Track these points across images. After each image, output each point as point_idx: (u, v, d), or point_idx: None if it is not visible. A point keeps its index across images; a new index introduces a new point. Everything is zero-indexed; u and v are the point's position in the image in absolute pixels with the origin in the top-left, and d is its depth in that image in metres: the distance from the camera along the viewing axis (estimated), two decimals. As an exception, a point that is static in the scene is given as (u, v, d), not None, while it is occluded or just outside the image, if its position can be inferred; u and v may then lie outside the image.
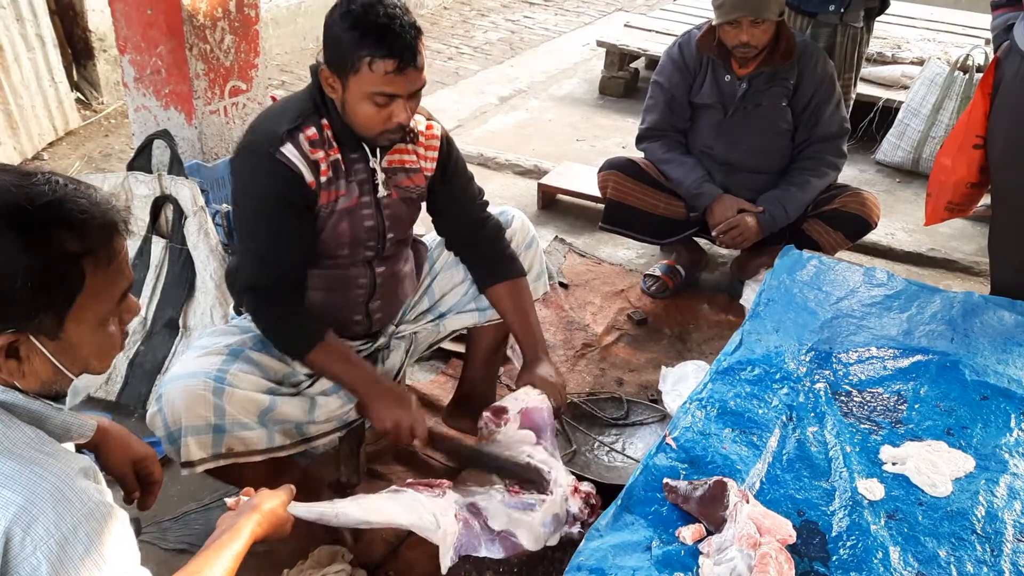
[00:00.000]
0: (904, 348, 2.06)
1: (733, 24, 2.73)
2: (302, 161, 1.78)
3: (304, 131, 1.79)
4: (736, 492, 1.56)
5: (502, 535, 1.72)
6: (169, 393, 1.73)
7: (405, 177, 1.97)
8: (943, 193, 2.57)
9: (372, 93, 1.71)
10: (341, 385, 1.92)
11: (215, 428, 1.73)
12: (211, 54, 2.67)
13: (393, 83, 1.70)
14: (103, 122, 4.57)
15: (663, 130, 3.05)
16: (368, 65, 1.68)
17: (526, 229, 2.24)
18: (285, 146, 1.77)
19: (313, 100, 1.82)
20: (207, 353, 1.82)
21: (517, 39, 6.58)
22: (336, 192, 1.86)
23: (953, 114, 4.03)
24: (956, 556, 1.52)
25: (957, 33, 5.25)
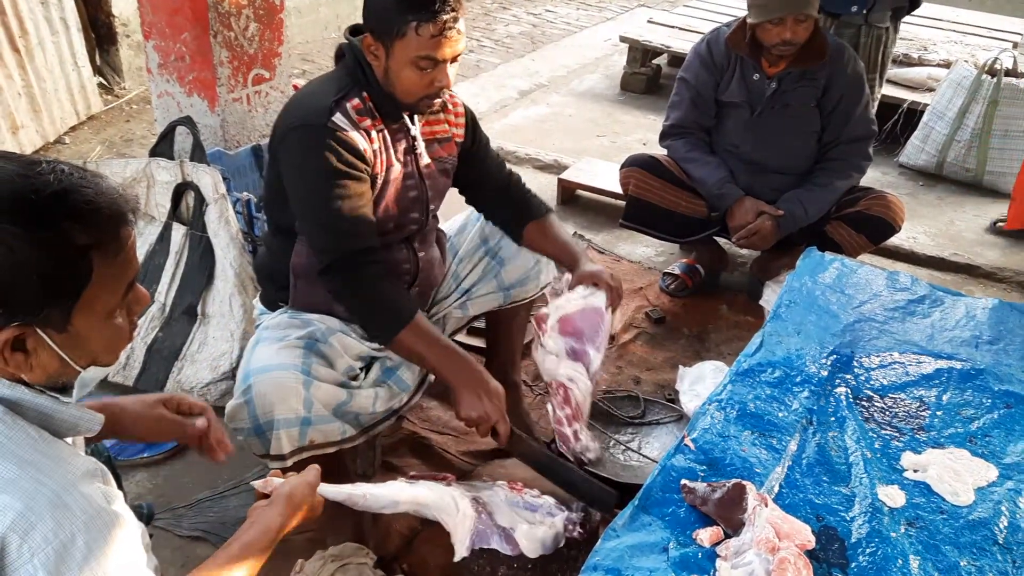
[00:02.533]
0: (927, 354, 2.03)
1: (777, 22, 2.70)
2: (354, 129, 1.79)
3: (349, 100, 1.80)
4: (755, 495, 1.55)
5: (507, 532, 1.72)
6: (260, 385, 1.72)
7: (439, 147, 1.99)
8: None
9: (417, 58, 1.73)
10: (430, 369, 1.90)
11: (303, 421, 1.74)
12: (235, 41, 2.67)
13: (438, 46, 1.72)
14: (125, 107, 4.59)
15: (687, 128, 3.03)
16: (415, 29, 1.70)
17: None
18: (336, 116, 1.77)
19: (351, 74, 1.83)
20: (287, 346, 1.82)
21: (539, 33, 6.56)
22: (385, 162, 1.86)
23: (979, 118, 3.99)
24: (977, 566, 1.50)
25: (984, 36, 5.19)
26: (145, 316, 2.52)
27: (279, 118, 1.88)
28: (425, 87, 1.78)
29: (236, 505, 2.13)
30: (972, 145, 4.02)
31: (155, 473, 2.24)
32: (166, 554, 2.00)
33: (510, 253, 2.21)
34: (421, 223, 1.99)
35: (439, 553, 2.02)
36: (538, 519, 1.77)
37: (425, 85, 1.78)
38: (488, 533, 1.73)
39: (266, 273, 2.04)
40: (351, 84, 1.82)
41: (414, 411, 2.51)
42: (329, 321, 1.94)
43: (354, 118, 1.79)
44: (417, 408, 2.53)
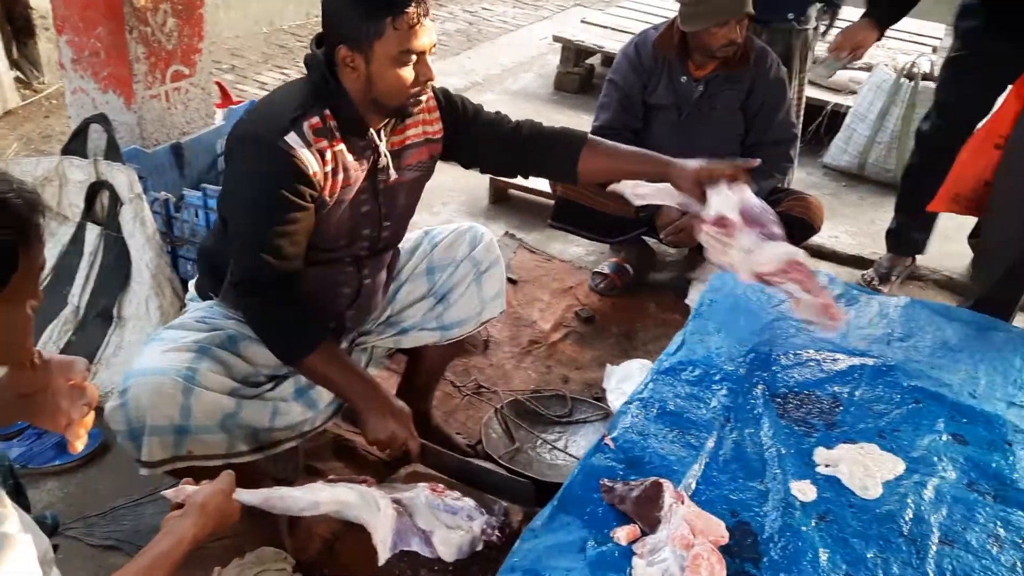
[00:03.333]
0: (841, 351, 2.08)
1: (723, 24, 2.74)
2: (306, 151, 1.71)
3: (308, 119, 1.73)
4: (671, 493, 1.57)
5: (426, 534, 1.71)
6: (135, 388, 1.66)
7: (413, 153, 1.93)
8: (955, 183, 2.60)
9: (400, 53, 1.68)
10: (336, 392, 1.87)
11: (179, 429, 1.68)
12: (152, 37, 2.60)
13: (415, 36, 1.68)
14: (44, 102, 4.45)
15: (616, 129, 3.05)
16: (391, 25, 1.65)
17: (492, 250, 2.18)
18: (289, 135, 1.70)
19: (316, 89, 1.76)
20: (175, 348, 1.76)
21: (475, 31, 6.55)
22: (341, 182, 1.80)
23: (899, 120, 4.11)
24: (883, 558, 1.54)
25: (905, 40, 5.33)
26: (58, 320, 2.45)
27: (240, 120, 1.82)
28: (412, 84, 1.73)
29: (152, 513, 2.08)
30: (892, 147, 4.14)
31: (67, 481, 2.17)
32: (77, 563, 1.94)
33: (457, 295, 2.14)
34: (373, 240, 1.92)
35: (361, 557, 2.00)
36: (458, 522, 1.77)
37: (411, 82, 1.73)
38: (409, 534, 1.72)
39: (207, 261, 1.98)
40: (314, 100, 1.75)
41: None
42: (243, 327, 1.89)
43: (310, 138, 1.72)
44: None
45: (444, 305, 2.14)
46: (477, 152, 2.05)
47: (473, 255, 2.15)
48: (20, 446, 2.20)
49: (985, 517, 1.63)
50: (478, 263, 2.15)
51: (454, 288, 2.14)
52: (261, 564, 1.87)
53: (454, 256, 2.15)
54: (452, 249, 2.15)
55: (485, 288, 2.17)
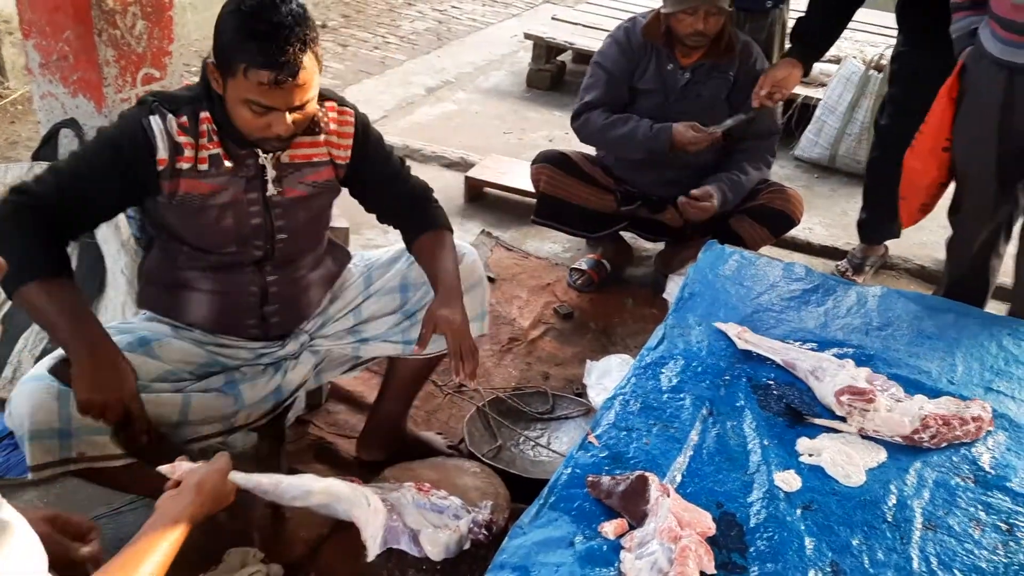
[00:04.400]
0: (821, 341, 2.10)
1: (691, 11, 2.74)
2: (163, 137, 1.71)
3: (178, 117, 1.73)
4: (657, 486, 1.57)
5: (414, 533, 1.71)
6: (15, 397, 1.66)
7: (311, 172, 1.90)
8: (916, 196, 2.64)
9: (247, 100, 1.64)
10: (48, 330, 1.68)
11: (60, 433, 1.65)
12: (122, 40, 2.56)
13: (269, 95, 1.63)
14: (9, 108, 4.38)
15: (603, 105, 3.02)
16: (243, 72, 1.61)
17: (474, 270, 2.12)
18: (153, 117, 1.71)
19: (197, 91, 1.76)
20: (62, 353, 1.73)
21: (444, 29, 6.53)
22: (209, 185, 1.77)
23: (868, 112, 4.15)
24: (868, 544, 1.55)
25: (872, 32, 5.39)
26: (32, 328, 2.41)
27: None
28: (260, 129, 1.69)
29: (132, 522, 2.05)
30: (862, 138, 4.18)
31: (46, 491, 2.14)
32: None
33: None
34: (267, 250, 1.90)
35: (346, 559, 1.99)
36: (444, 521, 1.76)
37: (260, 128, 1.69)
38: (398, 533, 1.72)
39: (141, 274, 2.03)
40: (190, 100, 1.76)
41: (320, 416, 2.47)
42: (160, 327, 1.89)
43: (171, 129, 1.72)
44: (324, 413, 2.49)
45: (411, 322, 2.08)
46: (367, 195, 2.05)
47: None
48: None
49: (966, 501, 1.66)
50: None
51: (424, 307, 2.06)
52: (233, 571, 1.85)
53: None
54: None
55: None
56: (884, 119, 3.25)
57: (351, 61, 5.73)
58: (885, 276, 3.51)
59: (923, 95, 3.09)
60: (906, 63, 3.14)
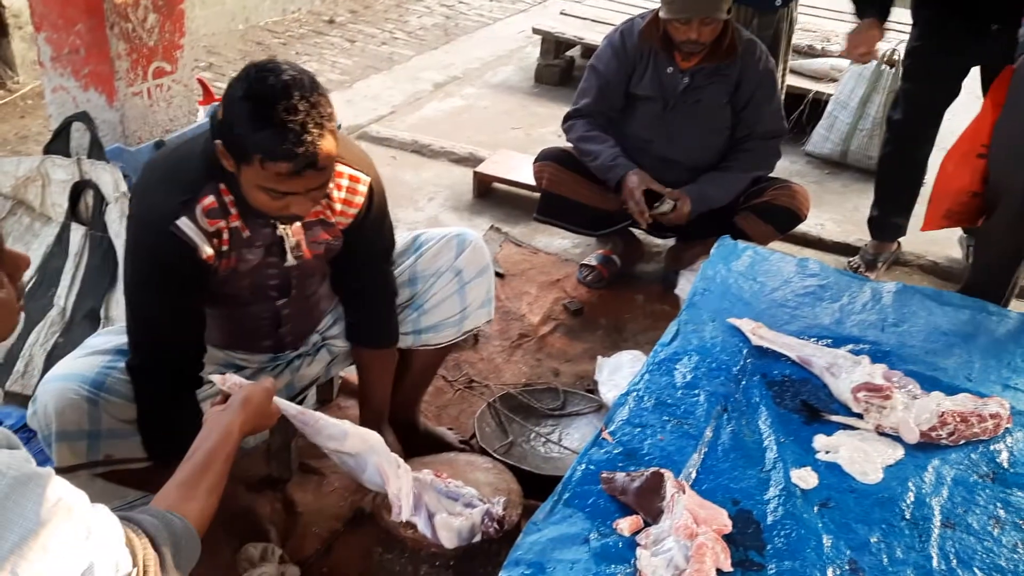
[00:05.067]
0: (836, 337, 2.08)
1: (684, 21, 2.73)
2: (199, 235, 1.63)
3: (201, 201, 1.63)
4: (673, 483, 1.56)
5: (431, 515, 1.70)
6: (42, 396, 1.65)
7: (322, 231, 1.82)
8: (943, 200, 2.59)
9: (265, 188, 1.55)
10: None
11: (90, 435, 1.66)
12: (133, 33, 2.56)
13: (288, 183, 1.54)
14: (19, 102, 4.38)
15: (593, 116, 3.03)
16: (260, 163, 1.50)
17: (480, 256, 2.11)
18: (181, 219, 1.61)
19: (209, 162, 1.63)
20: (92, 353, 1.74)
21: (452, 25, 6.51)
22: (236, 258, 1.72)
23: (880, 107, 4.12)
24: (886, 542, 1.54)
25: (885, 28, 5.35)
26: (44, 322, 2.41)
27: (139, 183, 1.75)
28: (279, 210, 1.61)
29: (146, 515, 2.05)
30: (874, 134, 4.15)
31: (58, 486, 2.14)
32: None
33: (434, 303, 2.09)
34: (284, 300, 1.89)
35: (358, 556, 1.99)
36: (458, 508, 1.76)
37: (279, 209, 1.60)
38: (420, 507, 1.71)
39: None
40: (207, 176, 1.63)
41: (331, 411, 2.46)
42: None
43: (203, 222, 1.63)
44: (334, 408, 2.48)
45: (419, 312, 2.08)
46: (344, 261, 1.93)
47: (456, 264, 2.09)
48: (8, 451, 2.16)
49: (985, 499, 1.64)
50: (460, 272, 2.09)
51: (431, 297, 2.09)
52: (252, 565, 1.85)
53: (438, 267, 2.08)
54: (436, 259, 2.09)
55: (469, 296, 2.11)
56: (896, 114, 3.24)
57: (359, 57, 5.71)
58: (898, 272, 3.48)
59: (936, 91, 3.08)
60: (920, 58, 3.13)
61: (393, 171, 3.84)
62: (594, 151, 2.96)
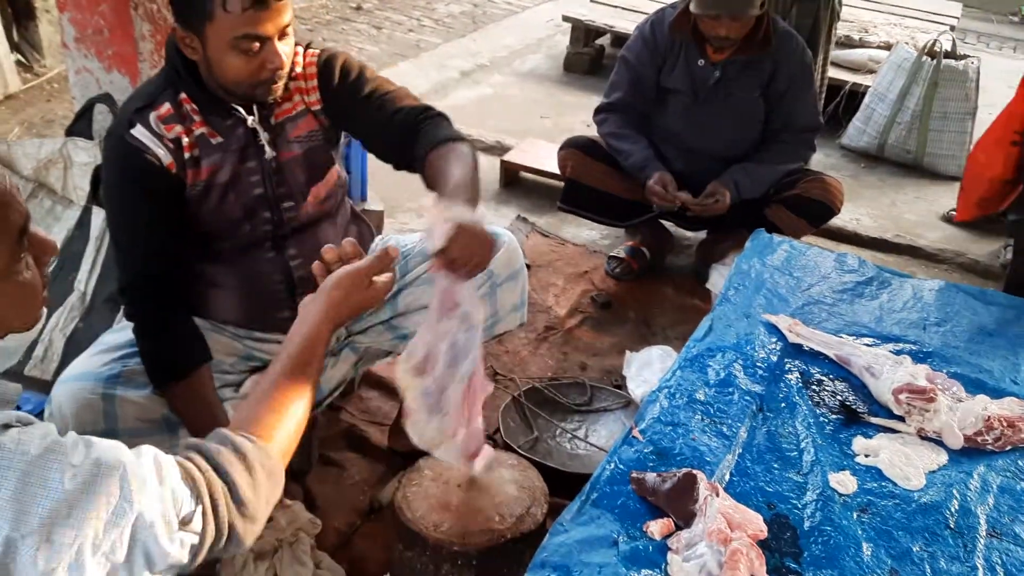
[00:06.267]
0: (876, 336, 2.01)
1: (713, 17, 2.66)
2: (155, 141, 1.61)
3: (156, 108, 1.62)
4: (706, 485, 1.50)
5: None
6: (57, 397, 1.61)
7: (292, 127, 1.76)
8: (976, 188, 2.53)
9: (235, 39, 1.51)
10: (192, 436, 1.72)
11: (106, 434, 1.59)
12: (158, 14, 2.51)
13: (255, 20, 1.50)
14: (45, 86, 4.37)
15: (625, 110, 2.97)
16: (222, 6, 1.48)
17: (513, 259, 2.02)
18: (135, 128, 1.61)
19: (167, 75, 1.65)
20: (105, 350, 1.69)
21: (480, 13, 6.45)
22: (208, 168, 1.68)
23: (920, 100, 4.02)
24: (929, 552, 1.47)
25: (922, 19, 5.25)
26: (64, 306, 2.38)
27: None
28: (255, 72, 1.57)
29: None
30: (912, 127, 4.05)
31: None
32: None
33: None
34: (277, 221, 1.79)
35: (379, 548, 1.95)
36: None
37: (254, 70, 1.57)
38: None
39: None
40: (165, 86, 1.64)
41: (352, 402, 2.42)
42: (200, 322, 1.80)
43: (158, 129, 1.62)
44: (356, 399, 2.44)
45: None
46: (359, 129, 1.84)
47: (490, 267, 2.02)
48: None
49: (1034, 509, 1.57)
50: (493, 276, 2.00)
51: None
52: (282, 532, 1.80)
53: None
54: None
55: (500, 300, 2.04)
56: None
57: (386, 44, 5.67)
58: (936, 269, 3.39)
59: None
60: None
61: (419, 159, 3.79)
62: (626, 150, 2.92)
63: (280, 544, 1.76)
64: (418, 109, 1.80)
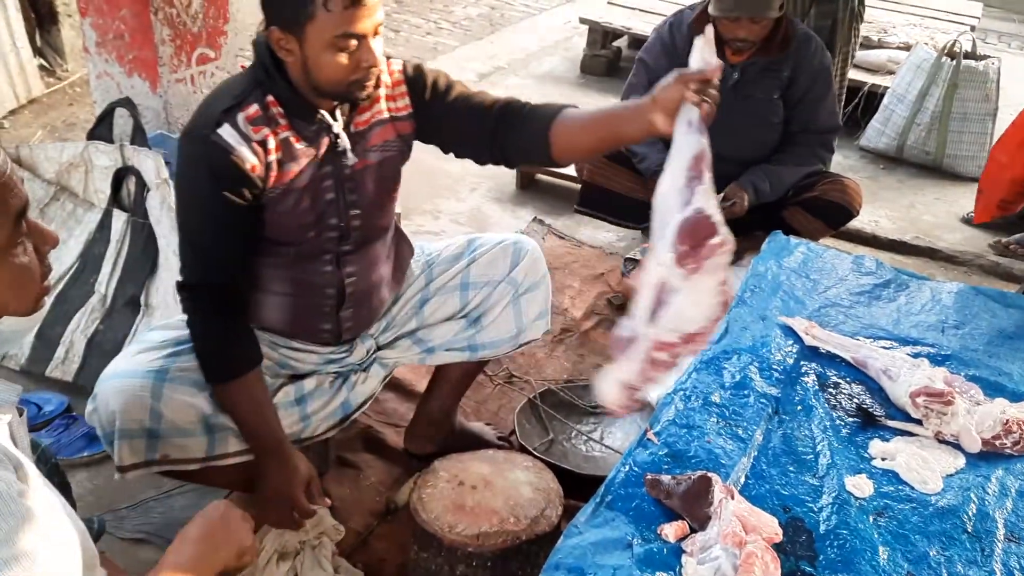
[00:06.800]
0: (893, 339, 2.00)
1: (733, 19, 2.66)
2: (242, 143, 1.60)
3: (244, 109, 1.62)
4: (721, 488, 1.50)
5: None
6: (104, 393, 1.63)
7: (375, 134, 1.78)
8: (996, 190, 2.52)
9: (335, 38, 1.54)
10: (242, 433, 1.75)
11: (149, 433, 1.63)
12: (178, 19, 2.55)
13: (354, 19, 1.54)
14: (68, 90, 4.42)
15: None
16: (324, 5, 1.52)
17: (537, 267, 2.04)
18: (222, 128, 1.59)
19: (255, 76, 1.65)
20: (151, 348, 1.71)
21: (497, 15, 6.47)
22: (290, 172, 1.68)
23: (939, 101, 3.99)
24: (946, 556, 1.46)
25: (942, 19, 5.21)
26: (85, 308, 2.41)
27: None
28: (351, 71, 1.59)
29: (182, 505, 2.04)
30: (932, 128, 4.02)
31: (96, 472, 2.14)
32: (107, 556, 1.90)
33: (490, 319, 2.03)
34: (343, 231, 1.79)
35: (395, 549, 1.96)
36: None
37: (351, 69, 1.59)
38: None
39: None
40: (252, 87, 1.64)
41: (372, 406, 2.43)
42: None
43: (245, 131, 1.61)
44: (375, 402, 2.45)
45: (476, 328, 2.03)
46: (447, 132, 1.85)
47: (512, 276, 2.02)
48: (49, 436, 2.17)
49: (1053, 513, 1.55)
50: (517, 284, 2.02)
51: (488, 312, 2.02)
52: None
53: (492, 276, 2.02)
54: (492, 267, 2.02)
55: (525, 310, 2.05)
56: None
57: (403, 47, 5.69)
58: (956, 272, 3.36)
59: None
60: None
61: (436, 161, 3.79)
62: (641, 153, 2.93)
63: (303, 547, 1.78)
64: (512, 99, 1.84)
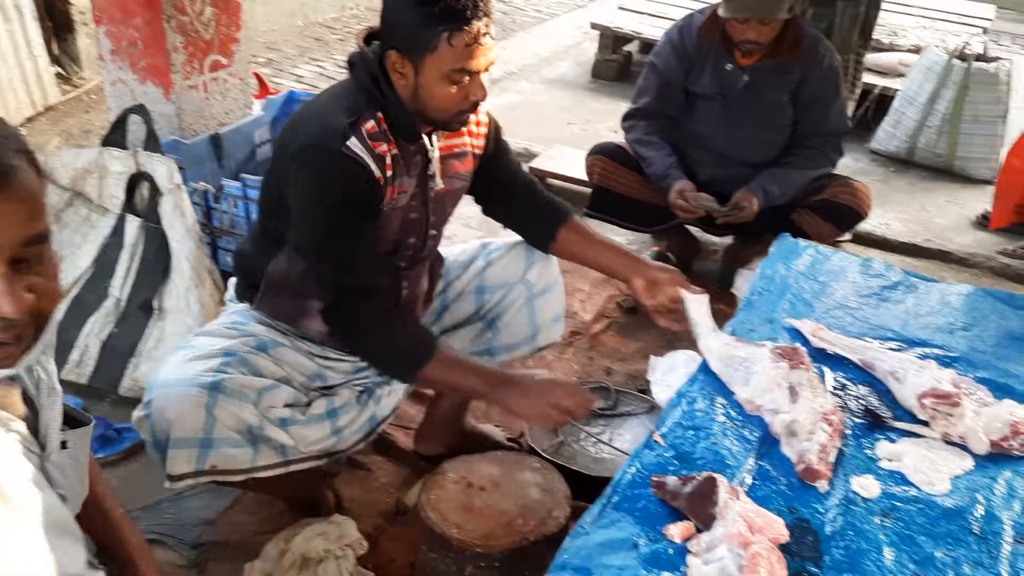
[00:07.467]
0: (901, 340, 2.00)
1: (741, 21, 2.67)
2: (368, 155, 1.65)
3: (363, 124, 1.66)
4: (726, 488, 1.50)
5: None
6: (159, 400, 1.63)
7: (456, 162, 1.87)
8: (1012, 195, 2.51)
9: (451, 71, 1.61)
10: (465, 395, 1.82)
11: (203, 443, 1.64)
12: (190, 26, 2.58)
13: (472, 56, 1.61)
14: (84, 97, 4.47)
15: (653, 114, 2.98)
16: (447, 41, 1.58)
17: (548, 271, 2.10)
18: (351, 140, 1.63)
19: (366, 92, 1.69)
20: (203, 355, 1.71)
21: (509, 20, 6.49)
22: (398, 188, 1.73)
23: (950, 103, 3.98)
24: (953, 557, 1.46)
25: (953, 22, 5.20)
26: (99, 312, 2.44)
27: (289, 130, 1.75)
28: (460, 102, 1.67)
29: (196, 506, 2.06)
30: (943, 130, 4.02)
31: (110, 474, 2.16)
32: (120, 558, 1.92)
33: (505, 321, 2.06)
34: (417, 248, 1.85)
35: (405, 550, 1.97)
36: None
37: (460, 100, 1.66)
38: None
39: (244, 265, 1.93)
40: (366, 103, 1.68)
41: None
42: (275, 335, 1.83)
43: (370, 144, 1.65)
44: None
45: (492, 332, 2.07)
46: (484, 184, 1.98)
47: (527, 278, 2.06)
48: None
49: (1061, 515, 1.55)
50: (531, 286, 2.06)
51: (503, 314, 2.06)
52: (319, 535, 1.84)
53: (506, 278, 2.06)
54: (506, 270, 2.06)
55: (540, 312, 2.08)
56: None
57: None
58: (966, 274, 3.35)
59: None
60: None
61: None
62: (649, 157, 2.94)
63: (327, 555, 1.80)
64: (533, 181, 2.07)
